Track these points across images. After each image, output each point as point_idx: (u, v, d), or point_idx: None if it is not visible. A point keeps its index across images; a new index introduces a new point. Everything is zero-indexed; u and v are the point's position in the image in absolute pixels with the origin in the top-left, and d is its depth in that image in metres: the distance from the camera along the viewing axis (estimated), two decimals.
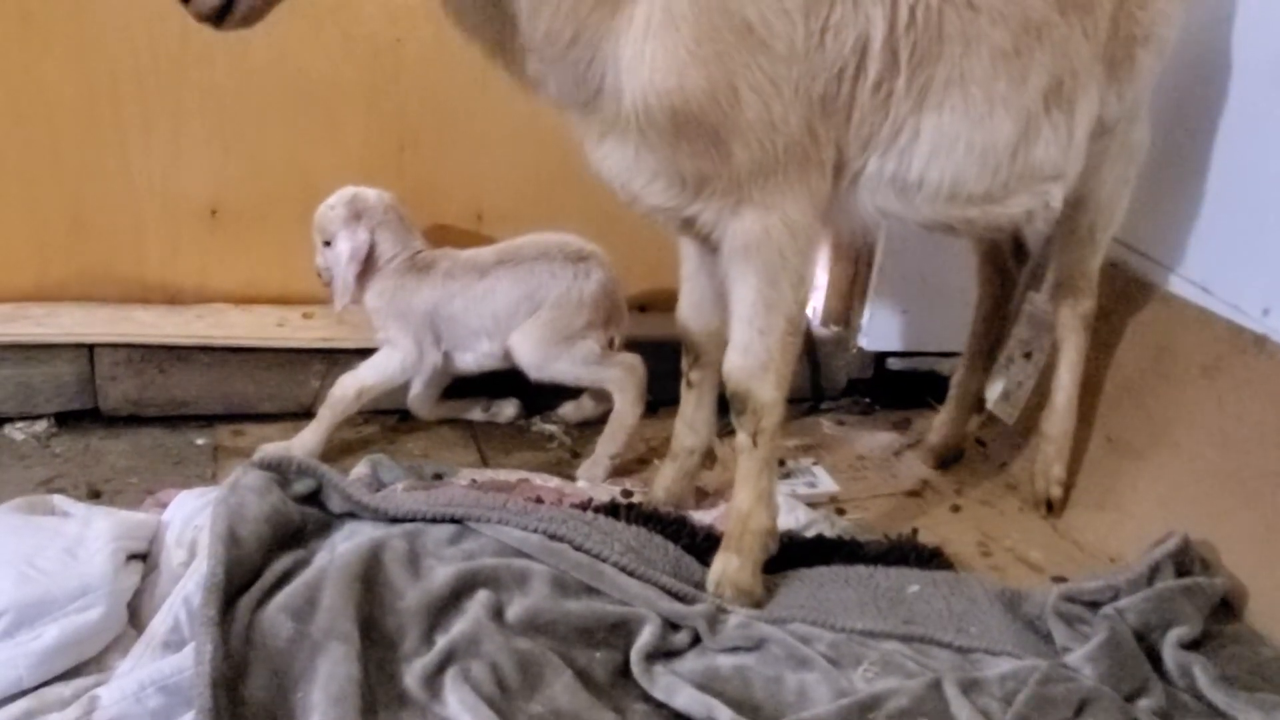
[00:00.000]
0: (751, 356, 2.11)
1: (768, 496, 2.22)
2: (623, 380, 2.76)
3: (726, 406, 2.26)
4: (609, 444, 2.76)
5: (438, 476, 2.57)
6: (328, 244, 2.73)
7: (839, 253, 3.21)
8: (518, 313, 2.73)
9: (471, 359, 2.81)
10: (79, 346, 2.77)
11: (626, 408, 2.76)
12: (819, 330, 3.26)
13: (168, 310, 2.91)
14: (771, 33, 1.90)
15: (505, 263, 2.76)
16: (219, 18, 1.85)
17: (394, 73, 2.88)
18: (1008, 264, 2.82)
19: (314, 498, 2.11)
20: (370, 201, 2.74)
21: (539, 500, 2.31)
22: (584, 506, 2.31)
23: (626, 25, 1.90)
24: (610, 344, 2.82)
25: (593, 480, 2.71)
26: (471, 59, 2.03)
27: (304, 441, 2.67)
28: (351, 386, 2.70)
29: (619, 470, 2.78)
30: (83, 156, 2.82)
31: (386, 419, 2.94)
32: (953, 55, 2.05)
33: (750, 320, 2.09)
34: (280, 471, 2.08)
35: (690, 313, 2.42)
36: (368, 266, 2.73)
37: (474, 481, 2.53)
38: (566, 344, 2.72)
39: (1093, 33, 2.22)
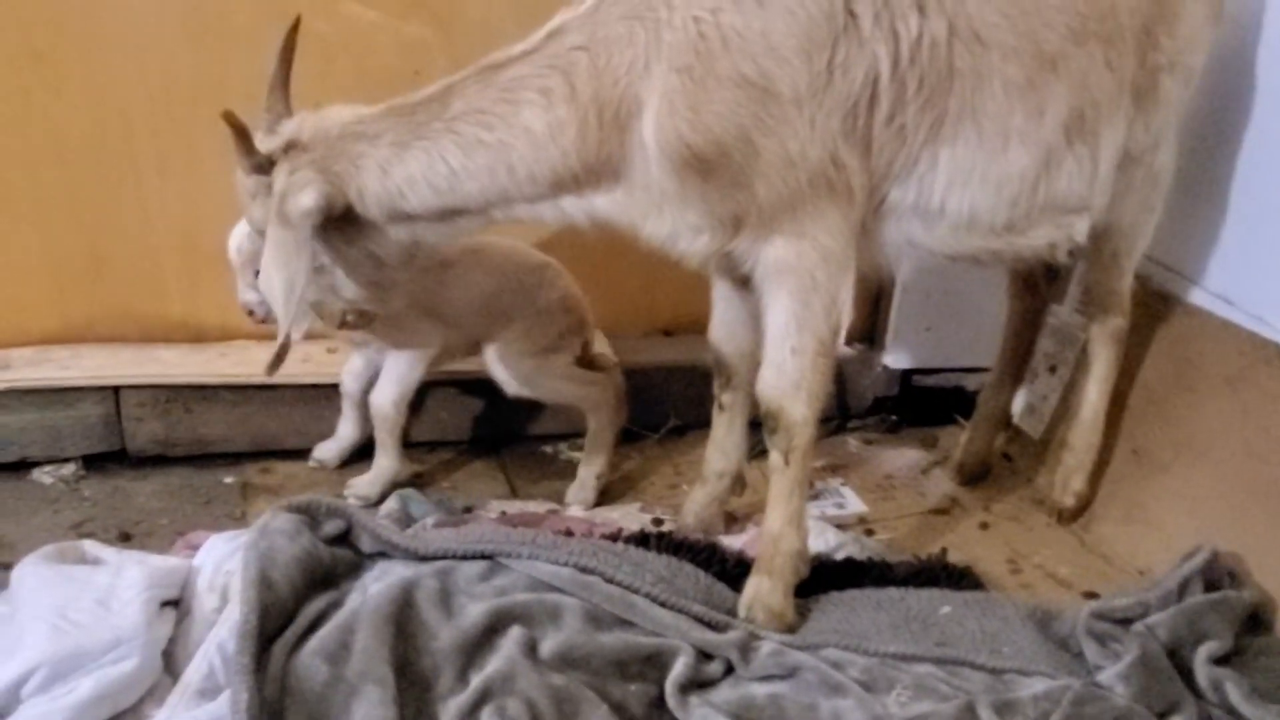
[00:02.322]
0: (784, 376, 2.12)
1: (799, 518, 2.22)
2: (598, 398, 2.75)
3: (756, 428, 2.26)
4: (591, 465, 2.75)
5: (467, 510, 2.58)
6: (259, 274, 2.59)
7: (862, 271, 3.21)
8: (482, 306, 2.67)
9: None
10: (104, 388, 2.78)
11: (603, 426, 2.75)
12: (843, 349, 3.25)
13: (191, 349, 2.92)
14: (772, 81, 1.94)
15: (475, 252, 2.69)
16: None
17: None
18: (1038, 280, 2.81)
19: (344, 538, 2.11)
20: None
21: (569, 533, 2.31)
22: (614, 537, 2.31)
23: (641, 109, 1.97)
24: (583, 353, 2.80)
25: (584, 505, 2.71)
26: None
27: (385, 468, 2.70)
28: (387, 403, 2.68)
29: (647, 496, 2.78)
30: (99, 197, 2.83)
31: (415, 451, 2.93)
32: (963, 89, 2.07)
33: (783, 340, 2.10)
34: (310, 513, 2.08)
35: (722, 335, 2.43)
36: None
37: (503, 514, 2.53)
38: (543, 356, 2.70)
39: (1117, 64, 2.22)
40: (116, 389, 2.78)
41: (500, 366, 2.69)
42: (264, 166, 2.07)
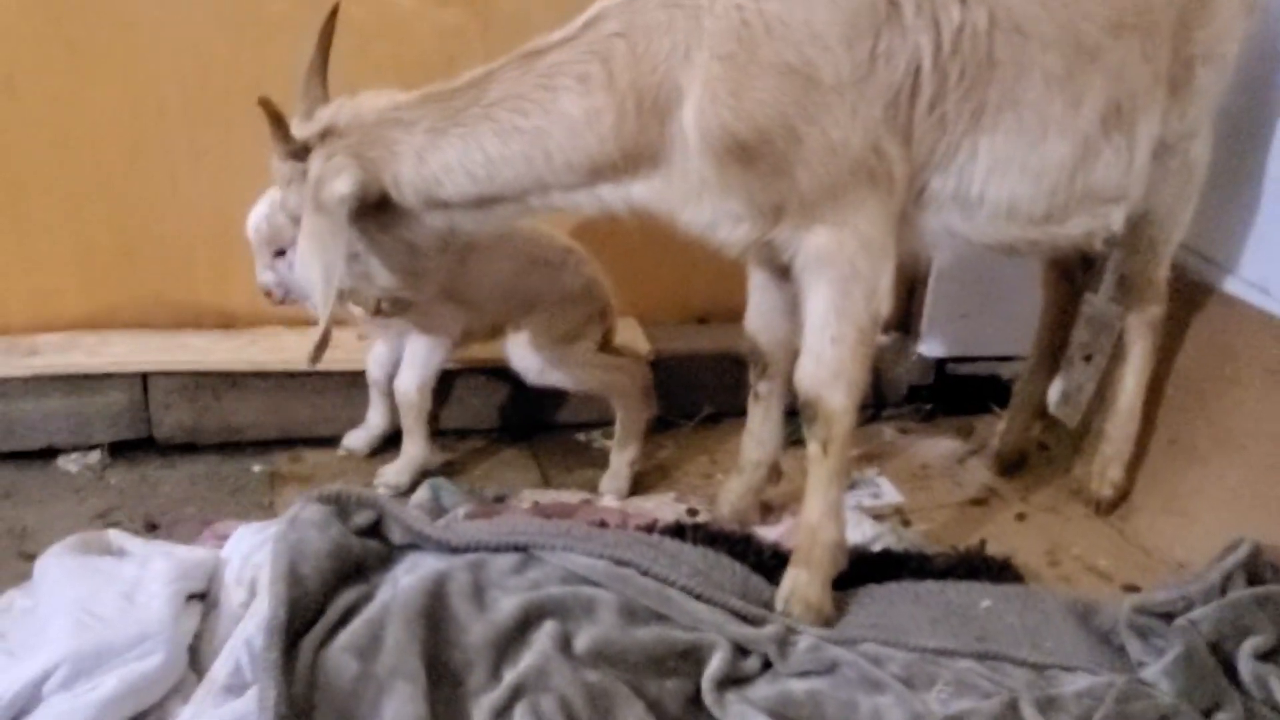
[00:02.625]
0: (823, 365, 2.09)
1: (837, 508, 2.19)
2: (623, 385, 2.71)
3: (792, 417, 2.24)
4: (623, 453, 2.71)
5: (499, 499, 2.55)
6: (279, 254, 2.50)
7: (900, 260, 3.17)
8: (504, 289, 2.64)
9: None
10: (132, 375, 2.76)
11: (631, 413, 2.71)
12: (879, 337, 3.19)
13: (221, 335, 2.89)
14: (815, 68, 1.92)
15: (495, 236, 2.60)
16: None
17: None
18: (1073, 269, 2.76)
19: (375, 529, 2.08)
20: None
21: (603, 524, 2.27)
22: (649, 529, 2.27)
23: (681, 97, 1.95)
24: (605, 341, 2.76)
25: (617, 494, 2.68)
26: None
27: (414, 456, 2.68)
28: (411, 388, 2.65)
29: (681, 486, 2.75)
30: (131, 183, 2.81)
31: (445, 439, 2.91)
32: (1004, 79, 2.05)
33: (822, 328, 2.07)
34: (340, 504, 2.05)
35: (759, 324, 2.40)
36: None
37: (536, 504, 2.50)
38: (564, 344, 2.66)
39: (1153, 55, 2.21)
40: (144, 376, 2.76)
41: (521, 354, 2.65)
42: (299, 153, 2.05)
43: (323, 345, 2.10)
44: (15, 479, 2.67)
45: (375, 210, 2.06)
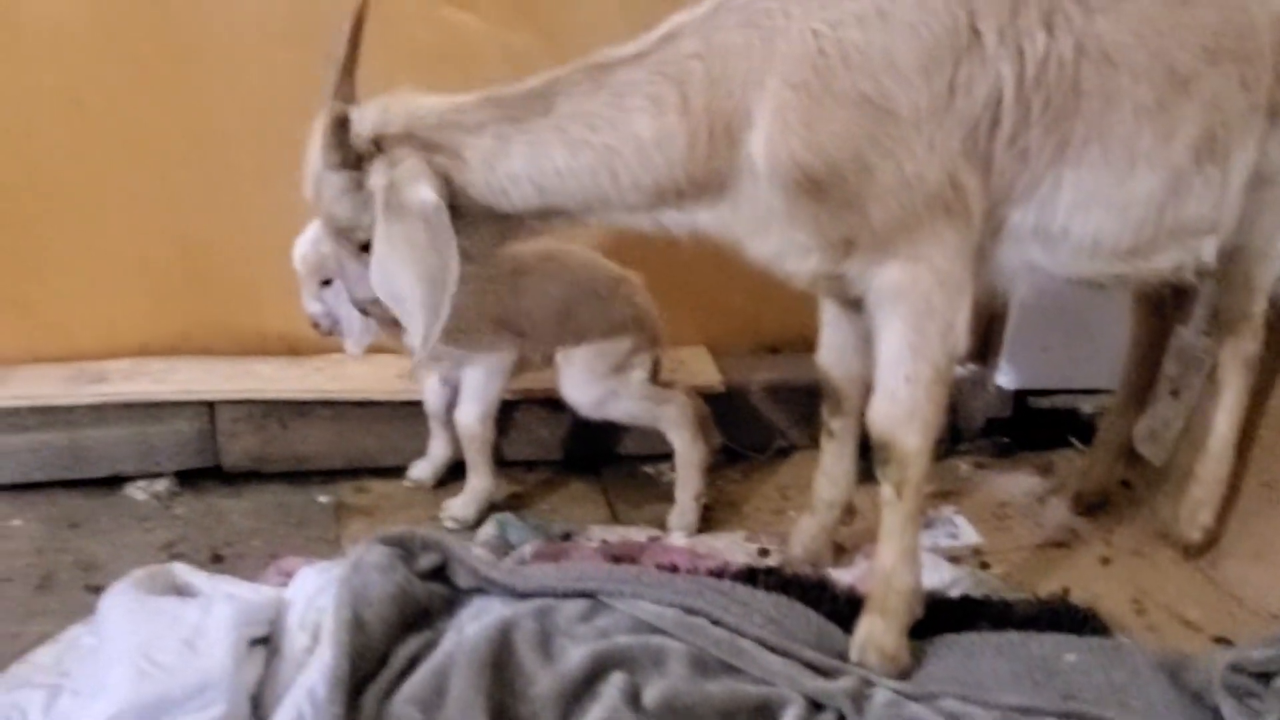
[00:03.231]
0: (897, 404, 2.02)
1: (913, 553, 2.12)
2: (677, 418, 2.64)
3: (865, 451, 2.18)
4: (687, 488, 2.65)
5: (566, 536, 2.50)
6: (326, 284, 2.45)
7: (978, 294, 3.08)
8: (555, 317, 2.58)
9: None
10: (199, 403, 2.75)
11: (687, 446, 2.64)
12: (955, 369, 3.10)
13: (287, 362, 2.87)
14: (892, 100, 1.85)
15: (550, 261, 2.59)
16: None
17: None
18: (1163, 301, 2.65)
19: (440, 572, 2.04)
20: None
21: (673, 568, 2.21)
22: (720, 573, 2.20)
23: (751, 123, 1.89)
24: (654, 371, 2.69)
25: (686, 530, 2.62)
26: None
27: (479, 488, 2.65)
28: (472, 420, 2.61)
29: (752, 522, 2.69)
30: (199, 208, 2.81)
31: (512, 470, 2.87)
32: (1090, 111, 1.96)
33: (895, 367, 2.00)
34: (404, 546, 2.01)
35: (831, 359, 2.33)
36: None
37: (604, 542, 2.45)
38: (617, 376, 2.59)
39: (1253, 83, 2.10)
40: (212, 404, 2.75)
41: (572, 386, 2.60)
42: (354, 163, 1.97)
43: (424, 361, 2.03)
44: (83, 507, 2.67)
45: None
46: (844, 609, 2.16)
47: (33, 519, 2.62)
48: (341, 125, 1.94)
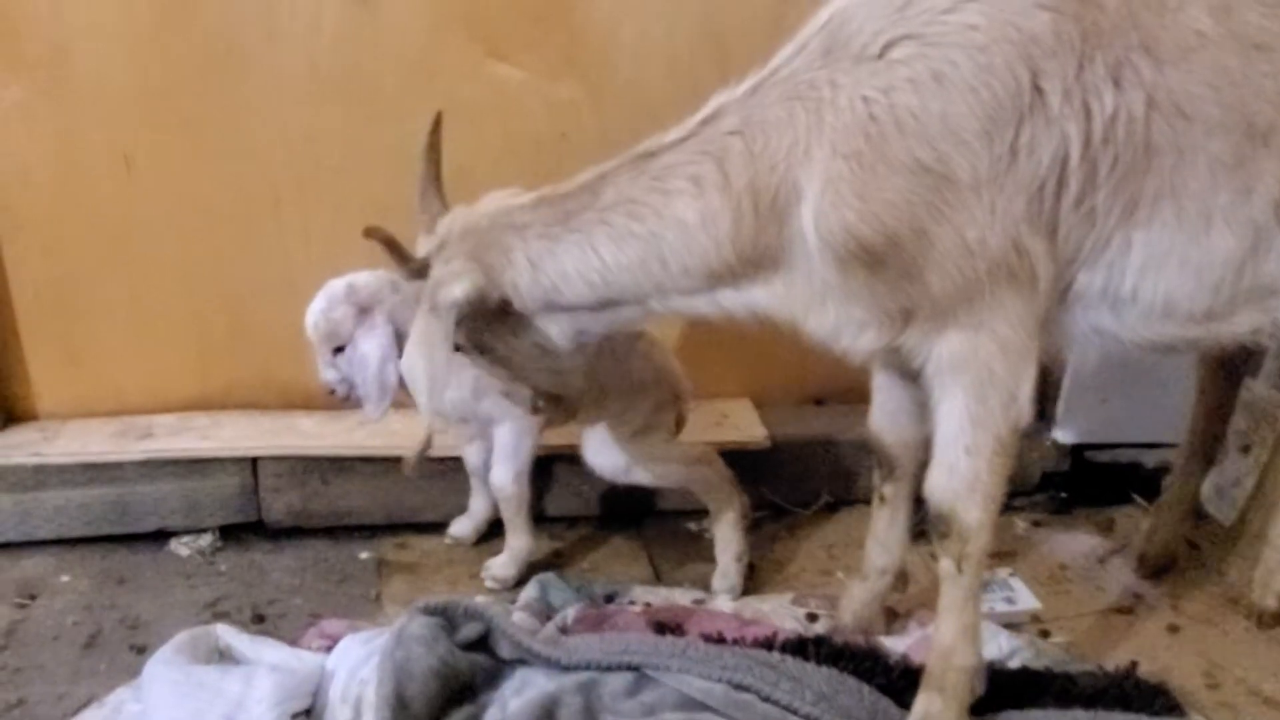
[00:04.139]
0: (957, 477, 1.94)
1: (973, 630, 2.04)
2: (707, 476, 2.56)
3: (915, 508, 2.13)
4: (727, 549, 2.56)
5: (609, 598, 2.45)
6: (339, 350, 2.41)
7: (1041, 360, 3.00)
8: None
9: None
10: (242, 459, 2.74)
11: (722, 506, 2.56)
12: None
13: (328, 417, 2.85)
14: (950, 165, 1.78)
15: None
16: None
17: (556, 167, 2.79)
18: (1233, 354, 2.53)
19: (483, 642, 1.99)
20: (373, 286, 2.42)
21: (720, 638, 2.15)
22: (769, 643, 2.14)
23: (800, 197, 1.83)
24: (678, 428, 2.61)
25: (731, 593, 2.54)
26: None
27: (518, 548, 2.60)
28: (506, 480, 2.56)
29: (798, 583, 2.62)
30: (244, 263, 2.82)
31: (553, 527, 2.83)
32: (1162, 168, 1.86)
33: (956, 438, 1.93)
34: (447, 616, 1.97)
35: (884, 423, 2.26)
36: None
37: (648, 606, 2.39)
38: (641, 437, 2.51)
39: None
40: (255, 460, 2.74)
41: (596, 451, 2.53)
42: (422, 271, 1.99)
43: (425, 448, 2.05)
44: (128, 563, 2.67)
45: (503, 315, 1.99)
46: (898, 682, 2.08)
47: (81, 575, 2.62)
48: (392, 245, 1.97)
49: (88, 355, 2.85)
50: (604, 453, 2.52)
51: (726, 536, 2.56)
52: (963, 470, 1.93)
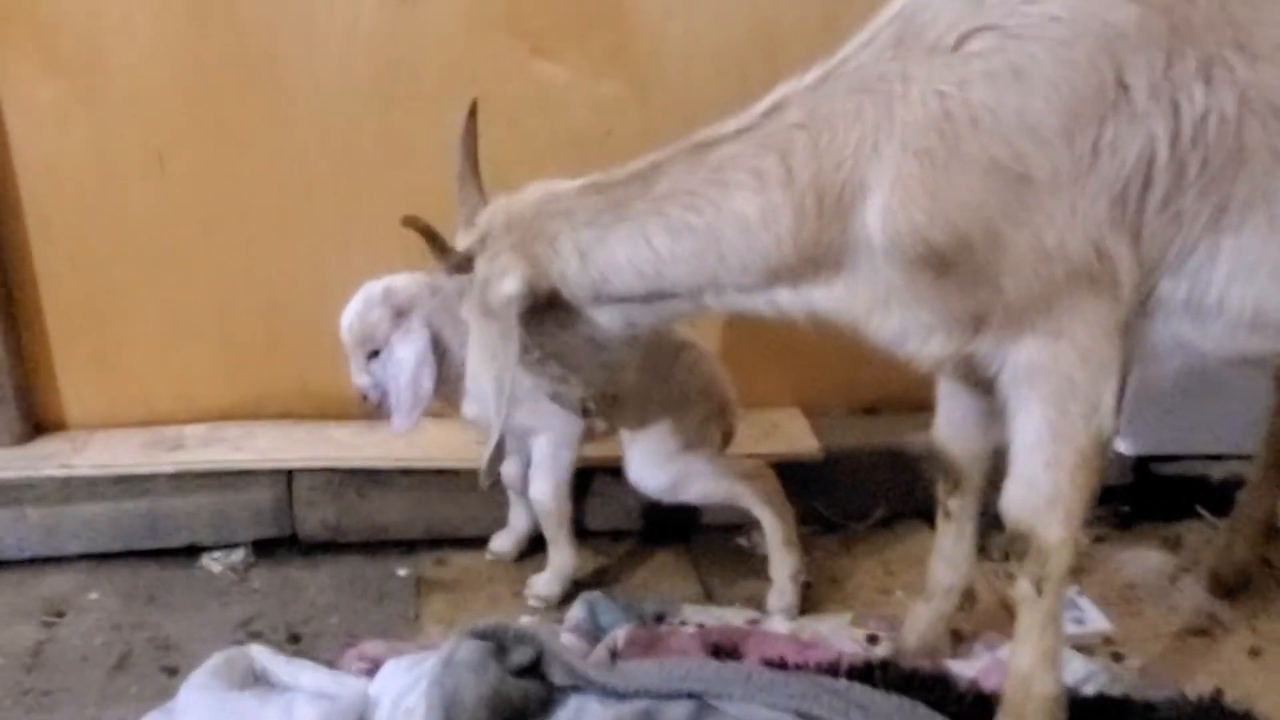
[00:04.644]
0: (1036, 492, 1.83)
1: (1054, 656, 1.92)
2: (760, 493, 2.45)
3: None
4: (782, 566, 2.45)
5: (659, 618, 2.35)
6: (374, 355, 2.32)
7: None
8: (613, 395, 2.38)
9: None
10: (276, 471, 2.65)
11: (774, 521, 2.44)
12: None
13: (365, 428, 2.75)
14: (1028, 165, 1.68)
15: None
16: None
17: (600, 167, 2.69)
18: None
19: (534, 667, 1.88)
20: (411, 290, 2.33)
21: (782, 663, 2.04)
22: (834, 668, 2.03)
23: (866, 194, 1.73)
24: (725, 442, 2.51)
25: (788, 613, 2.43)
26: None
27: (561, 565, 2.50)
28: (548, 495, 2.46)
29: (856, 601, 2.51)
30: (278, 266, 2.75)
31: (597, 542, 2.72)
32: (1255, 171, 1.74)
33: (1034, 451, 1.82)
34: (497, 640, 1.86)
35: (950, 433, 2.15)
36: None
37: (701, 627, 2.28)
38: (688, 454, 2.40)
39: None
40: (289, 472, 2.65)
41: (640, 468, 2.42)
42: (463, 264, 1.90)
43: (497, 460, 1.97)
44: (159, 579, 2.58)
45: (550, 308, 1.90)
46: (970, 710, 1.97)
47: (110, 592, 2.53)
48: (432, 236, 1.90)
49: (118, 362, 2.78)
50: (647, 470, 2.42)
51: (781, 554, 2.45)
52: (1043, 485, 1.82)
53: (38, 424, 2.78)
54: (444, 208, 2.70)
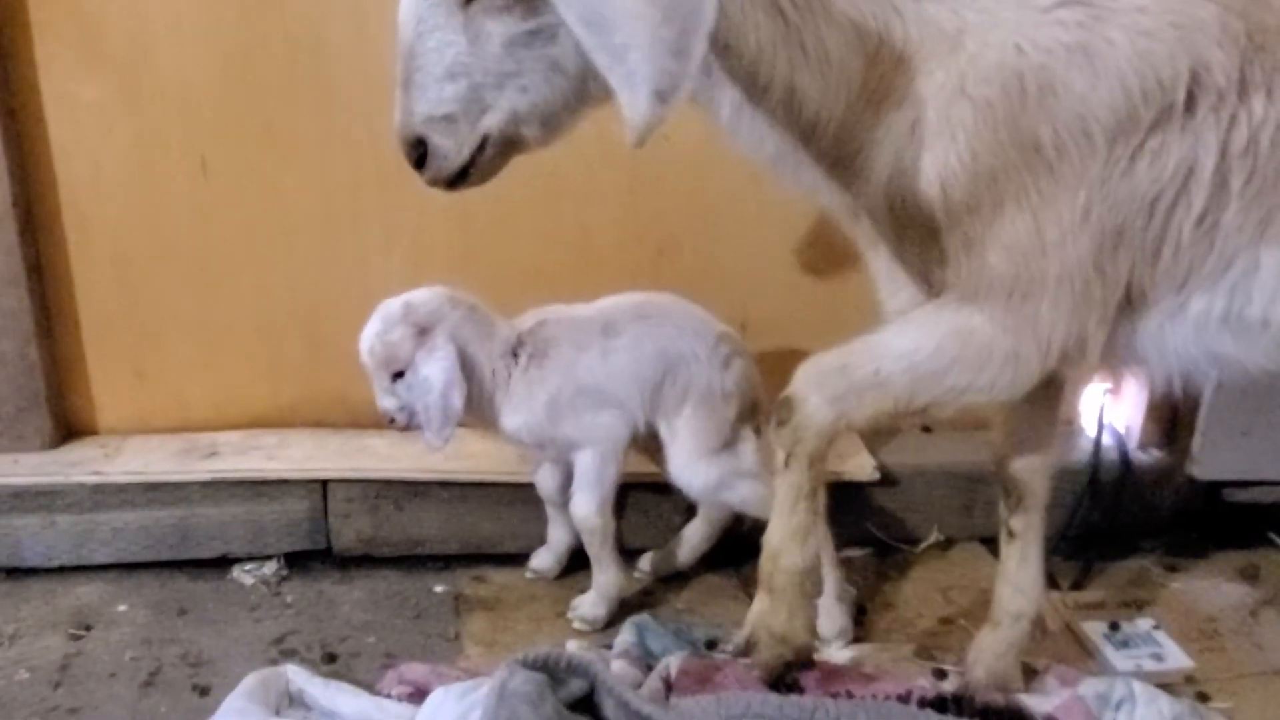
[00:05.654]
0: (827, 367, 1.77)
1: (803, 532, 1.84)
2: None
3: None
4: (829, 588, 2.32)
5: (711, 644, 2.24)
6: (399, 375, 2.22)
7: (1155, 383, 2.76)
8: (652, 385, 2.31)
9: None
10: (311, 482, 2.56)
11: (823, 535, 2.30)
12: (1137, 455, 2.77)
13: (402, 438, 2.62)
14: (1062, 156, 1.61)
15: (643, 320, 2.34)
16: (453, 182, 1.83)
17: (656, 173, 2.61)
18: None
19: (588, 699, 1.77)
20: (432, 304, 2.24)
21: (849, 695, 1.92)
22: (905, 699, 1.91)
23: (889, 128, 1.66)
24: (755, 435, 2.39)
25: (843, 636, 2.31)
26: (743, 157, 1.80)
27: (606, 585, 2.39)
28: (592, 512, 2.34)
29: (915, 631, 2.38)
30: (321, 271, 2.67)
31: (640, 560, 2.61)
32: None
33: (876, 346, 1.74)
34: (549, 670, 1.75)
35: (1009, 449, 2.05)
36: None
37: None
38: (728, 453, 2.31)
39: None
40: (325, 483, 2.56)
41: (683, 468, 2.32)
42: None
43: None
44: (189, 591, 2.49)
45: None
46: None
47: (139, 605, 2.44)
48: None
49: (153, 366, 2.70)
50: (690, 469, 2.32)
51: (828, 574, 2.33)
52: (843, 370, 1.76)
53: (69, 429, 2.70)
54: (491, 213, 2.62)
